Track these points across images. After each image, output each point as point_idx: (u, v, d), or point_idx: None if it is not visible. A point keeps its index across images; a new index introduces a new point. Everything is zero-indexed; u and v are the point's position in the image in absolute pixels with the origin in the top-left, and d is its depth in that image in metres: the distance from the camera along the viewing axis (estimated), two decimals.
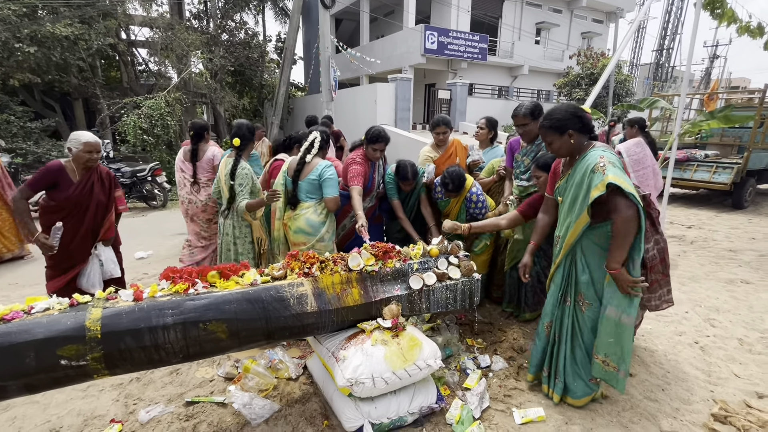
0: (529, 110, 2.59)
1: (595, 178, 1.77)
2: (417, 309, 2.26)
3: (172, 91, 9.82)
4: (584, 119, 1.90)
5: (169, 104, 9.20)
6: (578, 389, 2.06)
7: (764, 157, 7.12)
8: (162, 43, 12.22)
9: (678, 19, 27.54)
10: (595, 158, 1.81)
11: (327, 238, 2.64)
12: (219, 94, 14.45)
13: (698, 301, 3.35)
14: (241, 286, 1.90)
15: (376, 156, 2.88)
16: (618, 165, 1.82)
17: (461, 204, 2.91)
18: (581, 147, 1.93)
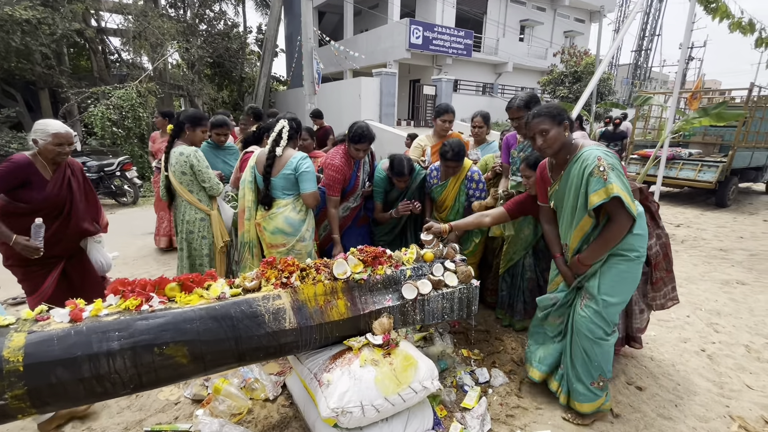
0: (524, 102, 2.41)
1: (594, 183, 1.65)
2: (410, 321, 2.02)
3: (145, 82, 9.25)
4: (571, 118, 1.83)
5: (141, 95, 8.65)
6: (579, 393, 1.91)
7: (746, 155, 7.18)
8: (134, 31, 11.55)
9: (656, 21, 28.12)
10: (592, 159, 1.67)
11: (308, 237, 2.37)
12: (196, 86, 13.83)
13: (698, 304, 3.24)
14: (206, 300, 1.61)
15: (359, 155, 2.61)
16: (618, 167, 1.68)
17: (460, 185, 2.69)
18: (571, 145, 1.81)
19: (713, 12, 4.17)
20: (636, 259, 1.75)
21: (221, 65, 15.91)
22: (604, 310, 1.78)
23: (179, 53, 13.57)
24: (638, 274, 1.79)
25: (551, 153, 1.82)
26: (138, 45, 12.06)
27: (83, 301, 1.49)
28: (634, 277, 1.78)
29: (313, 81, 8.82)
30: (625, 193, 1.62)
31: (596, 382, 1.88)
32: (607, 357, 1.86)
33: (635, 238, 1.73)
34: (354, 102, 13.16)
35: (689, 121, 4.60)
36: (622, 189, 1.61)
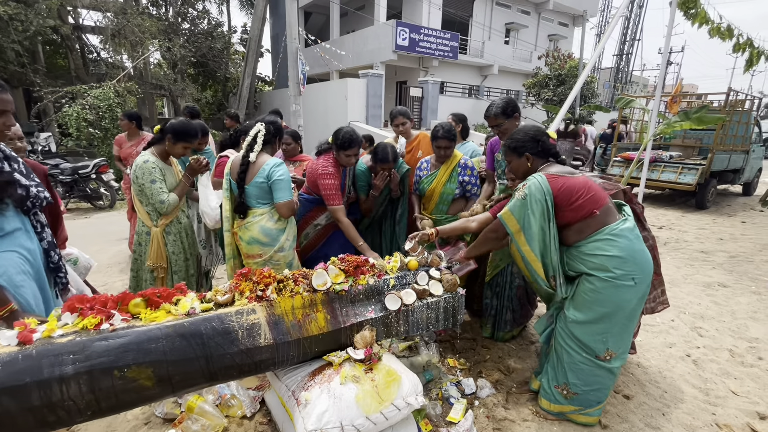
0: (500, 108, 2.39)
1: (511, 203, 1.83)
2: (394, 332, 1.94)
3: (123, 81, 8.97)
4: (543, 144, 1.87)
5: (120, 95, 8.37)
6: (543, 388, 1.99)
7: (724, 158, 7.33)
8: (113, 29, 11.22)
9: (636, 26, 28.75)
10: (522, 184, 1.81)
11: (287, 246, 2.25)
12: (179, 86, 13.52)
13: (682, 308, 3.25)
14: (174, 316, 1.50)
15: (351, 162, 2.52)
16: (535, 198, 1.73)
17: (451, 172, 2.65)
18: (536, 170, 1.89)
19: (693, 17, 4.22)
20: (610, 280, 1.67)
21: (205, 65, 15.62)
22: (570, 325, 1.79)
23: (161, 52, 13.26)
24: (617, 298, 1.69)
25: (518, 178, 1.98)
26: (117, 43, 11.72)
27: (35, 321, 1.37)
28: (610, 300, 1.69)
29: (298, 82, 8.67)
30: (512, 220, 1.80)
31: (560, 387, 1.89)
32: (576, 370, 1.83)
33: (606, 258, 1.68)
34: (340, 103, 13.06)
35: (671, 125, 4.65)
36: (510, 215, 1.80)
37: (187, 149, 2.39)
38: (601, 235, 1.70)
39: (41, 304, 1.63)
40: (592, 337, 1.75)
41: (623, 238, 1.69)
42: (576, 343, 1.79)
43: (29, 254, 1.62)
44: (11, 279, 1.51)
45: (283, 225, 2.21)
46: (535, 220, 1.73)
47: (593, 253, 1.71)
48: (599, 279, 1.69)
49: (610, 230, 1.70)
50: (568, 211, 1.74)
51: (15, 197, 1.55)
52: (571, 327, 1.79)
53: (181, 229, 2.42)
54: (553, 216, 1.74)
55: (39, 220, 1.71)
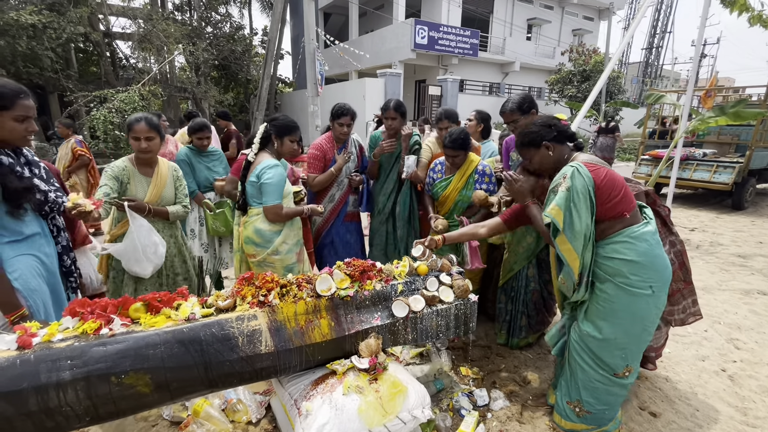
0: (516, 104, 2.26)
1: (549, 199, 1.62)
2: (401, 341, 1.86)
3: (148, 84, 9.23)
4: (557, 127, 1.72)
5: (144, 98, 8.62)
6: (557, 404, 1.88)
7: (765, 155, 6.87)
8: (140, 35, 11.58)
9: (667, 17, 27.48)
10: (560, 176, 1.62)
11: (284, 250, 2.18)
12: (202, 88, 13.84)
13: (716, 317, 3.02)
14: (173, 321, 1.47)
15: (343, 132, 2.64)
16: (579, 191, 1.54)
17: (467, 179, 2.51)
18: (562, 158, 1.72)
19: (731, 5, 3.94)
20: (626, 287, 1.55)
21: (227, 68, 15.94)
22: (587, 339, 1.67)
23: (185, 56, 13.60)
24: (633, 308, 1.57)
25: (546, 174, 1.81)
26: (144, 48, 12.10)
27: (37, 324, 1.37)
28: (627, 310, 1.57)
29: (316, 82, 8.71)
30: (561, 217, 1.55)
31: (572, 403, 1.78)
32: (591, 388, 1.71)
33: (623, 263, 1.55)
34: (358, 103, 13.04)
35: (705, 121, 4.36)
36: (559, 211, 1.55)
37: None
38: (620, 237, 1.57)
39: (51, 309, 1.65)
40: (610, 353, 1.62)
41: (643, 241, 1.56)
42: (592, 359, 1.67)
43: (47, 258, 1.65)
44: (27, 283, 1.53)
45: (278, 228, 2.16)
46: (578, 216, 1.53)
47: (610, 256, 1.59)
48: (614, 286, 1.57)
49: (630, 232, 1.57)
50: (602, 206, 1.57)
51: (34, 202, 1.59)
52: (588, 342, 1.66)
53: None
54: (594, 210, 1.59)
55: (56, 224, 1.74)
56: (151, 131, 2.09)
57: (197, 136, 2.86)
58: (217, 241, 2.97)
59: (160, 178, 2.21)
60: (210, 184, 2.91)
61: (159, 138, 2.14)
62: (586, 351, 1.68)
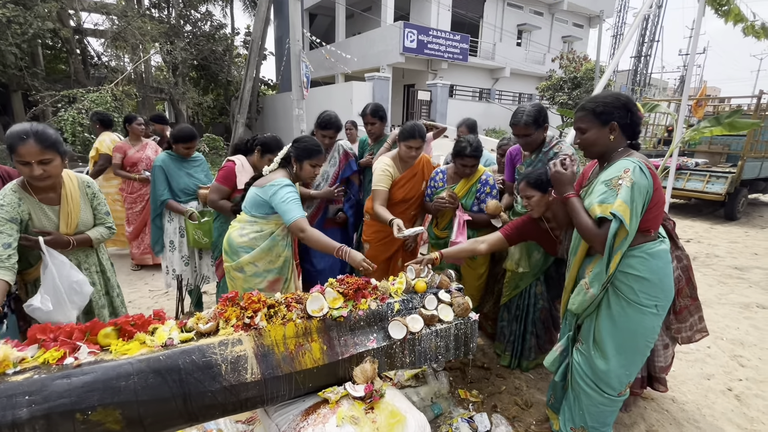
0: (532, 117, 2.19)
1: (606, 194, 1.49)
2: (399, 364, 1.79)
3: (121, 84, 9.02)
4: (633, 116, 1.55)
5: (117, 98, 8.41)
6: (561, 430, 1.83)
7: (756, 166, 7.10)
8: (114, 32, 11.35)
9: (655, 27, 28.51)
10: (619, 169, 1.49)
11: (250, 271, 2.10)
12: (179, 89, 13.63)
13: (718, 333, 3.05)
14: (149, 348, 1.37)
15: (325, 143, 2.62)
16: (640, 188, 1.44)
17: (470, 188, 2.47)
18: (616, 151, 1.58)
19: (725, 15, 4.06)
20: (634, 304, 1.53)
21: (206, 68, 15.76)
22: (596, 361, 1.61)
23: (161, 55, 13.39)
24: (643, 329, 1.56)
25: (590, 155, 1.66)
26: (117, 46, 11.85)
27: None
28: (633, 329, 1.56)
29: (301, 85, 8.64)
30: (628, 216, 1.40)
31: (576, 429, 1.75)
32: (595, 412, 1.68)
33: (635, 279, 1.52)
34: (345, 107, 13.02)
35: (700, 130, 4.47)
36: (628, 210, 1.40)
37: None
38: (637, 252, 1.54)
39: None
40: (616, 374, 1.60)
41: (658, 259, 1.54)
42: (596, 383, 1.64)
43: None
44: None
45: (249, 244, 2.08)
46: (636, 217, 1.44)
47: (624, 271, 1.56)
48: (624, 302, 1.55)
49: (647, 248, 1.55)
50: (645, 215, 1.51)
51: None
52: (593, 364, 1.62)
53: None
54: None
55: None
56: (46, 152, 1.60)
57: (185, 146, 2.76)
58: (198, 254, 2.86)
59: (70, 202, 1.82)
60: (192, 192, 2.81)
61: (59, 158, 1.67)
62: (589, 375, 1.65)
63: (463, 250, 2.16)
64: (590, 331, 1.65)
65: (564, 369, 1.82)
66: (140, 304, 3.48)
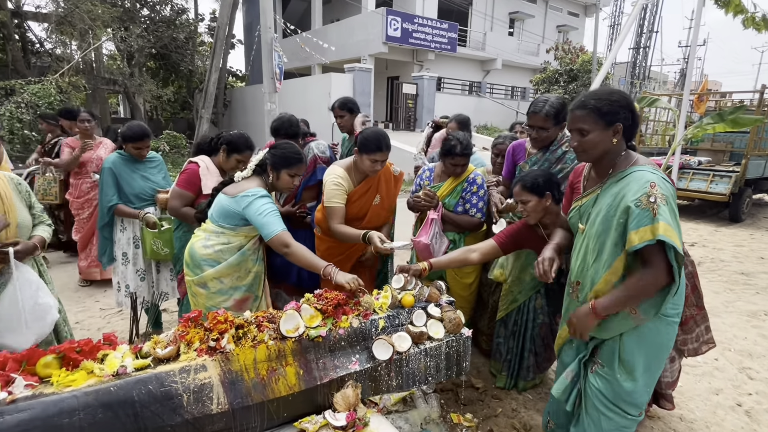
0: (555, 110, 2.19)
1: (639, 216, 1.38)
2: (384, 388, 1.78)
3: (68, 74, 8.77)
4: (635, 118, 1.51)
5: (63, 91, 8.17)
6: None
7: (760, 164, 7.38)
8: (59, 16, 11.05)
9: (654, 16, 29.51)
10: (643, 184, 1.41)
11: (214, 287, 2.05)
12: (135, 81, 13.36)
13: (726, 343, 3.14)
14: (97, 378, 1.32)
15: None
16: (672, 201, 1.41)
17: (456, 186, 2.49)
18: (617, 156, 1.56)
19: (725, 6, 4.22)
20: (663, 318, 1.53)
21: (166, 57, 15.51)
22: (624, 384, 1.56)
23: (114, 42, 13.10)
24: (668, 340, 1.57)
25: (587, 159, 1.62)
26: (63, 32, 11.54)
27: None
28: (661, 342, 1.56)
29: (274, 77, 8.57)
30: (677, 238, 1.34)
31: None
32: None
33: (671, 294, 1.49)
34: (322, 101, 12.97)
35: (703, 127, 4.61)
36: (673, 232, 1.34)
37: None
38: None
39: None
40: (641, 392, 1.59)
41: None
42: (623, 404, 1.60)
43: None
44: None
45: (214, 257, 2.03)
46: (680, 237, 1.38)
47: None
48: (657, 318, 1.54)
49: None
50: None
51: None
52: (623, 384, 1.57)
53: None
54: None
55: None
56: None
57: (135, 146, 2.68)
58: (156, 268, 2.78)
59: (6, 202, 1.83)
60: (148, 196, 2.73)
61: None
62: (611, 398, 1.61)
63: (453, 260, 2.17)
64: (614, 353, 1.58)
65: (576, 396, 1.76)
66: (90, 325, 3.37)
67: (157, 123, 18.83)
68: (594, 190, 1.62)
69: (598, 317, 1.52)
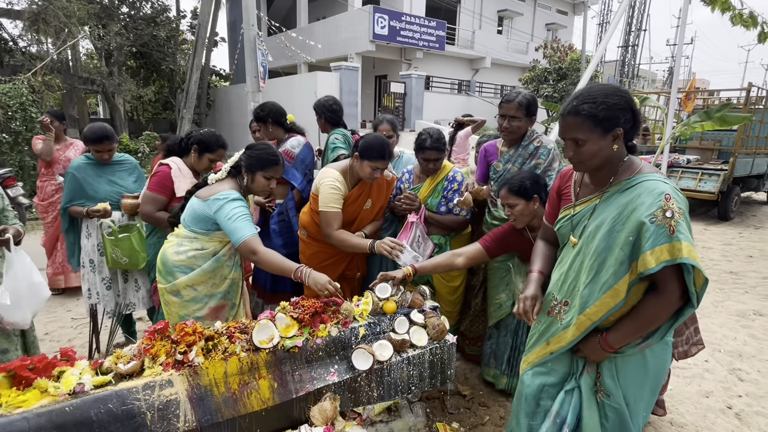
0: (527, 100, 2.22)
1: (655, 234, 1.22)
2: (364, 399, 1.74)
3: (40, 73, 8.57)
4: (637, 116, 1.34)
5: (36, 91, 7.97)
6: None
7: (747, 162, 7.49)
8: (32, 13, 10.79)
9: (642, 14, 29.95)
10: (657, 196, 1.25)
11: (187, 295, 1.98)
12: (114, 80, 13.13)
13: (716, 344, 3.15)
14: (51, 398, 1.25)
15: None
16: (687, 214, 1.29)
17: (436, 185, 2.46)
18: (618, 162, 1.38)
19: (712, 2, 4.25)
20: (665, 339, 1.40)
21: (147, 56, 15.28)
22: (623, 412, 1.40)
23: (92, 40, 12.87)
24: (668, 361, 1.48)
25: (586, 170, 1.45)
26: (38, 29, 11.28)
27: None
28: (663, 366, 1.45)
29: (257, 75, 8.47)
30: (696, 256, 1.23)
31: None
32: None
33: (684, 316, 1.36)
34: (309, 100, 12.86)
35: (690, 125, 4.65)
36: (695, 253, 1.23)
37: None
38: None
39: None
40: (641, 421, 1.49)
41: None
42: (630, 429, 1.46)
43: None
44: None
45: (187, 263, 1.96)
46: None
47: None
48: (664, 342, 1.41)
49: None
50: None
51: None
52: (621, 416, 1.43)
53: None
54: None
55: None
56: None
57: (96, 148, 2.57)
58: (122, 277, 2.69)
59: None
60: (115, 201, 2.62)
61: None
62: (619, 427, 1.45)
63: (438, 265, 2.13)
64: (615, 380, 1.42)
65: None
66: (60, 335, 3.26)
67: (137, 124, 18.55)
68: (590, 199, 1.44)
69: (612, 351, 1.37)
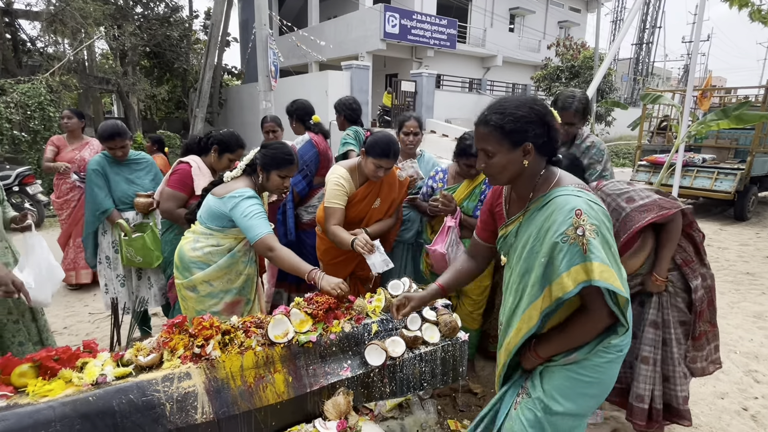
0: (584, 105, 2.23)
1: (570, 254, 1.18)
2: (377, 395, 1.75)
3: (58, 74, 8.74)
4: (552, 131, 1.28)
5: (54, 90, 8.13)
6: None
7: (765, 161, 7.35)
8: (50, 14, 11.01)
9: (656, 11, 29.51)
10: (567, 213, 1.19)
11: (203, 291, 2.03)
12: (128, 80, 13.34)
13: (731, 345, 3.11)
14: (76, 388, 1.29)
15: None
16: (604, 229, 1.20)
17: (474, 188, 2.42)
18: (534, 177, 1.33)
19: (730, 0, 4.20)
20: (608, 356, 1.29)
21: (160, 56, 15.48)
22: (548, 418, 1.33)
23: (107, 41, 13.08)
24: (609, 379, 1.33)
25: (498, 183, 1.42)
26: (55, 30, 11.50)
27: None
28: (601, 381, 1.32)
29: (269, 75, 8.54)
30: (616, 277, 1.16)
31: None
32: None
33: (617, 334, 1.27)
34: (320, 99, 12.96)
35: (707, 124, 4.60)
36: (610, 272, 1.15)
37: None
38: None
39: None
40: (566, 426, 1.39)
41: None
42: None
43: None
44: None
45: (203, 259, 2.01)
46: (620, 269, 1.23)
47: None
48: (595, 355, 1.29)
49: None
50: None
51: None
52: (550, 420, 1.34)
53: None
54: None
55: None
56: None
57: (109, 144, 2.61)
58: (136, 274, 2.75)
59: None
60: (129, 200, 2.68)
61: None
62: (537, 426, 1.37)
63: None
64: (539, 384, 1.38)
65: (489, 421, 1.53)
66: (78, 330, 3.34)
67: (151, 122, 18.80)
68: (518, 218, 1.38)
69: (541, 361, 1.36)
